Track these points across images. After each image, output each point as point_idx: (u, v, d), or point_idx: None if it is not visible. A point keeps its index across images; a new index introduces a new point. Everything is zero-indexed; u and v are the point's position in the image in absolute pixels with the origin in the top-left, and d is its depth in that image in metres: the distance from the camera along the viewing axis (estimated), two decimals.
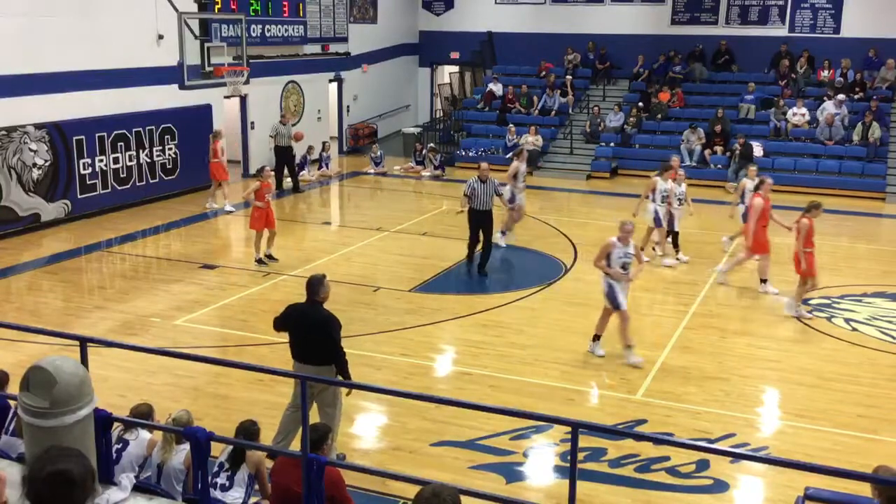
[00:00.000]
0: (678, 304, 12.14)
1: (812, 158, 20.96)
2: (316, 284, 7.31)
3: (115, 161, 17.13)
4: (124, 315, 11.40)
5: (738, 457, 7.59)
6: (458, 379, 9.63)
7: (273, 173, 15.20)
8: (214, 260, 14.31)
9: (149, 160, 17.90)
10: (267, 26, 21.04)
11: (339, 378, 7.19)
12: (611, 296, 9.92)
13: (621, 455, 7.78)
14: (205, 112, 19.01)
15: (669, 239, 14.35)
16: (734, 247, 14.39)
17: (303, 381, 5.21)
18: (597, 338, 10.22)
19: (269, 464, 6.05)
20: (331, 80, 24.54)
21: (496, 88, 25.13)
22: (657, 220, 14.05)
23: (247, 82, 18.68)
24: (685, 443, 7.20)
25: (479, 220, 13.35)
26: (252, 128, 21.19)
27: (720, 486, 7.38)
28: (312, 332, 7.18)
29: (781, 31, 23.86)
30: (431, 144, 23.06)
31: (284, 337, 7.35)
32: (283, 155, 19.65)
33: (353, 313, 11.53)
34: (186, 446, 5.67)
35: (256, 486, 5.93)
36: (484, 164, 13.77)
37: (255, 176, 14.03)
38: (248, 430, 5.96)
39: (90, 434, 4.28)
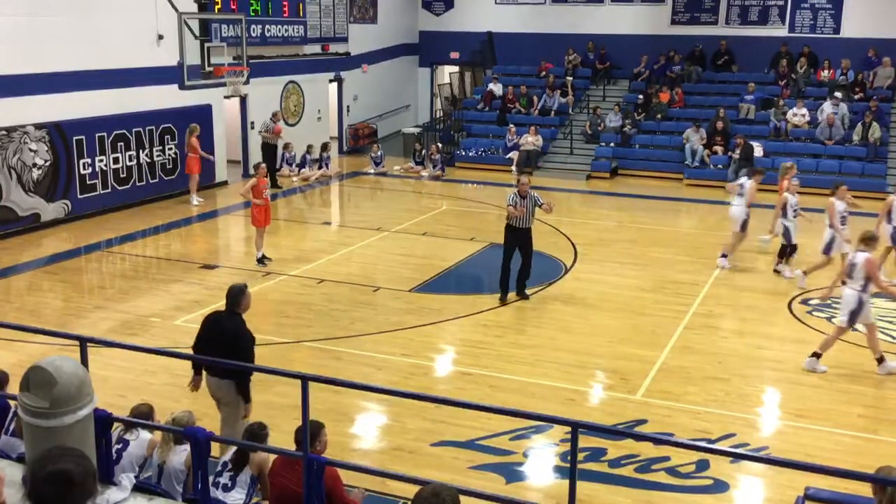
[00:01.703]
0: (678, 304, 12.13)
1: (812, 158, 20.95)
2: (236, 294, 7.02)
3: (115, 161, 17.13)
4: (124, 315, 11.40)
5: (738, 457, 7.58)
6: (459, 379, 9.63)
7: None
8: (214, 260, 14.32)
9: (149, 160, 17.90)
10: (267, 26, 21.03)
11: (240, 398, 6.92)
12: (858, 311, 9.52)
13: (621, 455, 7.78)
14: (205, 112, 19.01)
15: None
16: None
17: (304, 383, 5.18)
18: (818, 355, 9.72)
19: None
20: (331, 80, 24.53)
21: (496, 88, 25.12)
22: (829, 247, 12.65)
23: (247, 82, 18.68)
24: (685, 443, 7.18)
25: (519, 239, 11.99)
26: (252, 128, 21.18)
27: (720, 486, 7.38)
28: (221, 343, 6.86)
29: (781, 31, 23.85)
30: (439, 144, 23.04)
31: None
32: (271, 152, 19.69)
33: (353, 313, 11.54)
34: (188, 447, 5.67)
35: (258, 487, 5.92)
36: (524, 179, 12.16)
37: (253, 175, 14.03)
38: (255, 434, 5.93)
39: (90, 434, 4.28)
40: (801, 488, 5.45)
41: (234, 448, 5.89)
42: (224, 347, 6.79)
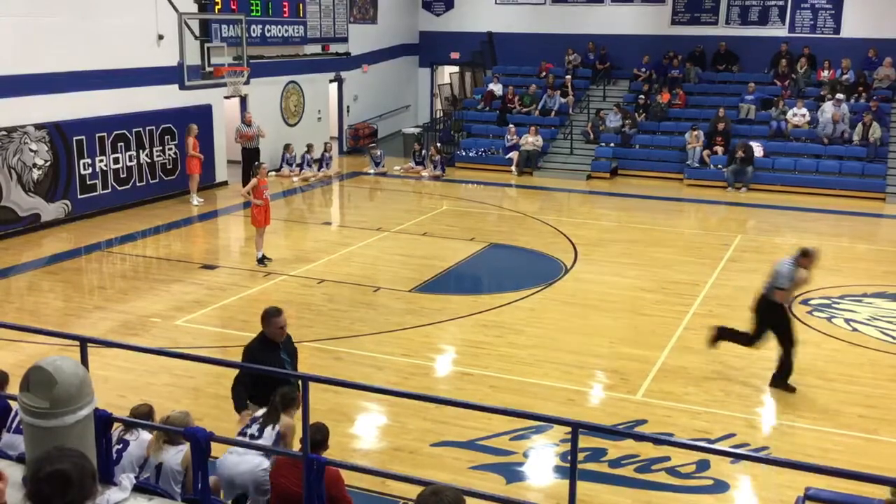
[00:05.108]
0: (678, 304, 12.14)
1: (812, 158, 20.94)
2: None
3: (116, 161, 17.13)
4: (124, 315, 11.40)
5: (738, 457, 7.58)
6: (459, 379, 9.62)
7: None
8: (214, 260, 14.32)
9: (149, 160, 17.89)
10: (267, 26, 21.03)
11: None
12: None
13: (621, 455, 7.78)
14: (205, 112, 19.01)
15: None
16: None
17: (304, 383, 5.19)
18: None
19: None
20: (331, 80, 24.53)
21: (496, 88, 25.12)
22: None
23: (247, 82, 18.68)
24: (685, 443, 7.19)
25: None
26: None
27: (720, 486, 7.38)
28: None
29: (781, 32, 23.85)
30: (439, 144, 23.05)
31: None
32: (250, 157, 19.21)
33: (353, 313, 11.55)
34: (184, 446, 5.68)
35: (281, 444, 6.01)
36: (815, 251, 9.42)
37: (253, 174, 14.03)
38: (285, 396, 6.09)
39: (90, 434, 4.28)
40: (801, 488, 5.45)
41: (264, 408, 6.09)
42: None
